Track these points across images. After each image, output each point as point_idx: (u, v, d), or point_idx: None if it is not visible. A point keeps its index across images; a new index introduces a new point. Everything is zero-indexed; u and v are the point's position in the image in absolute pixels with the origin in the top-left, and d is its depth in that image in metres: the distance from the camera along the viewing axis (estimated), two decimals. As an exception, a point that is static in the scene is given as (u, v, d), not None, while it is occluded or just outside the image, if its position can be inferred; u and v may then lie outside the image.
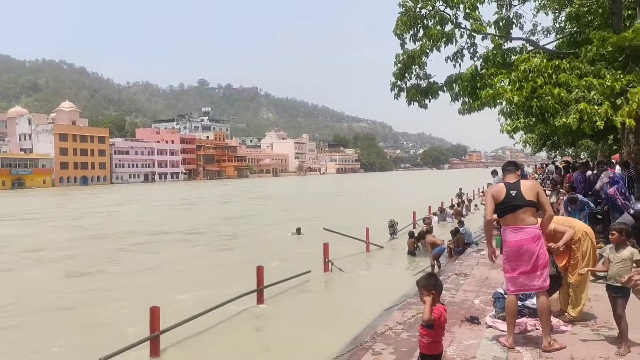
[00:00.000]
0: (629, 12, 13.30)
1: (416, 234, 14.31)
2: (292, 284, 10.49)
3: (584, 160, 16.12)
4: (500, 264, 5.09)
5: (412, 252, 14.17)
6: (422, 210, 21.71)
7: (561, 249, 5.12)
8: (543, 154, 39.97)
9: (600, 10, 14.10)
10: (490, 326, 5.35)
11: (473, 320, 5.53)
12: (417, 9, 12.37)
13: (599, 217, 9.70)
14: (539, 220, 4.67)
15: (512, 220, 4.63)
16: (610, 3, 12.37)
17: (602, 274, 5.24)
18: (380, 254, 14.93)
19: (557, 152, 34.40)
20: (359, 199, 42.28)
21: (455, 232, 13.58)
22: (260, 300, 9.11)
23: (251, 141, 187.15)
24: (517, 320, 5.04)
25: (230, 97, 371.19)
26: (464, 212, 22.90)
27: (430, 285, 3.62)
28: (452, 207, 24.00)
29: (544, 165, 30.32)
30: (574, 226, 5.35)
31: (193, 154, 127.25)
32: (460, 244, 13.12)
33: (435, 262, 12.01)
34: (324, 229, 15.01)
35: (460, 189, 31.27)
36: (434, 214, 22.14)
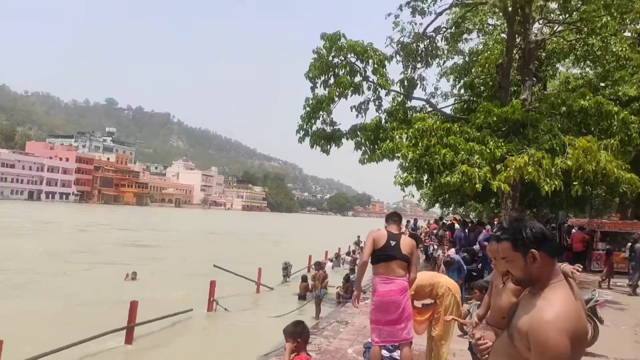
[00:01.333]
0: (514, 89, 14.79)
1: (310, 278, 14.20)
2: (170, 322, 9.78)
3: (462, 220, 17.27)
4: (365, 311, 5.08)
5: (302, 297, 13.97)
6: (319, 254, 21.77)
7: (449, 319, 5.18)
8: (438, 210, 42.39)
9: (491, 83, 15.58)
10: (358, 377, 5.24)
11: (342, 370, 5.40)
12: (330, 57, 12.80)
13: (474, 274, 10.25)
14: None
15: (384, 270, 4.66)
16: (500, 78, 13.68)
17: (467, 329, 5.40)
18: (270, 296, 14.57)
19: (450, 209, 36.67)
20: (260, 238, 41.70)
21: (346, 279, 13.65)
22: (129, 339, 8.32)
23: (156, 168, 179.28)
24: (383, 372, 4.99)
25: (139, 120, 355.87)
26: (358, 260, 23.31)
27: (296, 333, 3.48)
28: (348, 254, 24.37)
29: (440, 220, 31.98)
30: (439, 281, 5.53)
31: (89, 174, 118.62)
32: (350, 291, 13.17)
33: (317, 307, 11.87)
34: (214, 266, 14.39)
35: (359, 236, 31.97)
36: (330, 260, 22.29)
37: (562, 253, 18.95)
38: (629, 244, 14.51)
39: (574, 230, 19.02)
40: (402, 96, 13.93)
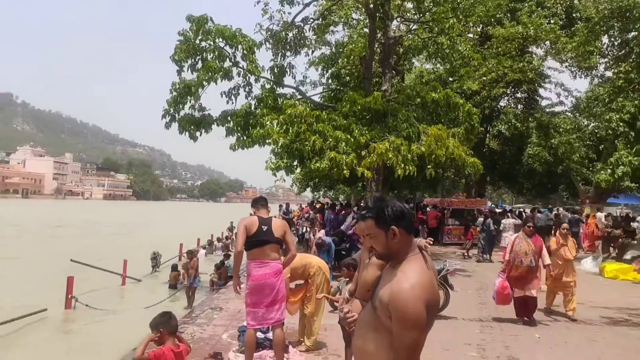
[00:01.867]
0: (377, 80, 15.81)
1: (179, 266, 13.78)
2: (19, 325, 8.83)
3: (331, 203, 18.18)
4: (240, 295, 5.16)
5: (173, 286, 13.55)
6: (191, 242, 21.17)
7: None
8: (309, 193, 43.62)
9: (356, 74, 16.46)
10: (232, 361, 5.32)
11: (216, 356, 5.44)
12: (198, 41, 12.41)
13: (343, 253, 10.89)
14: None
15: (259, 254, 4.76)
16: (364, 70, 14.54)
17: (338, 304, 5.78)
18: (138, 288, 13.88)
19: (320, 193, 37.98)
20: (123, 228, 39.11)
21: (219, 265, 13.53)
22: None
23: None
24: (257, 354, 5.14)
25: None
26: (231, 246, 23.18)
27: (160, 324, 3.44)
28: (219, 239, 24.06)
29: (313, 203, 32.85)
30: (310, 262, 5.84)
31: None
32: (224, 277, 13.10)
33: (190, 295, 11.66)
34: (72, 260, 13.25)
35: (232, 222, 31.72)
36: (203, 247, 21.83)
37: (419, 229, 20.98)
38: (481, 219, 16.53)
39: (429, 209, 21.07)
40: (272, 83, 14.07)
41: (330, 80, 17.42)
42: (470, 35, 17.34)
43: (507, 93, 23.01)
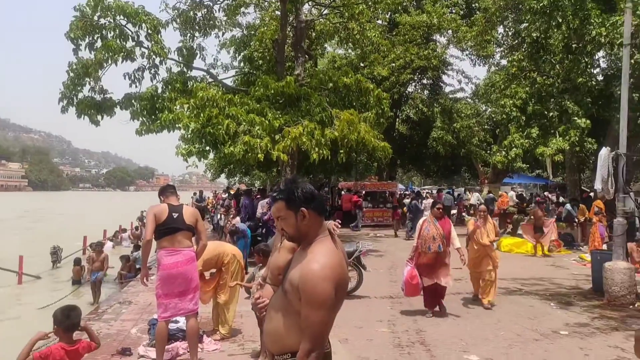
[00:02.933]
0: (290, 64, 15.73)
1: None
2: None
3: (248, 189, 18.00)
4: (151, 287, 4.95)
5: (77, 281, 12.68)
6: (96, 234, 19.90)
7: None
8: (225, 180, 42.74)
9: (269, 58, 16.24)
10: (142, 356, 5.09)
11: (125, 352, 5.17)
12: (96, 17, 11.54)
13: (259, 238, 10.82)
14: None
15: (169, 242, 4.57)
16: (276, 54, 14.38)
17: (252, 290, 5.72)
18: (37, 286, 12.83)
19: (236, 179, 37.32)
20: (19, 221, 35.86)
21: (128, 257, 12.88)
22: None
23: None
24: (169, 346, 4.97)
25: None
26: (142, 237, 22.14)
27: (55, 320, 3.22)
28: (125, 231, 22.87)
29: (227, 189, 32.21)
30: (224, 250, 5.72)
31: None
32: (133, 269, 12.50)
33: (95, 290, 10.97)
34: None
35: (142, 212, 30.27)
36: (110, 239, 20.64)
37: (334, 212, 21.44)
38: (407, 200, 17.26)
39: (343, 192, 21.55)
40: (181, 65, 13.50)
41: (242, 64, 17.04)
42: (380, 22, 17.79)
43: (414, 79, 24.01)
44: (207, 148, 11.41)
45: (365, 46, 15.23)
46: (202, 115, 10.65)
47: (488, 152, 19.92)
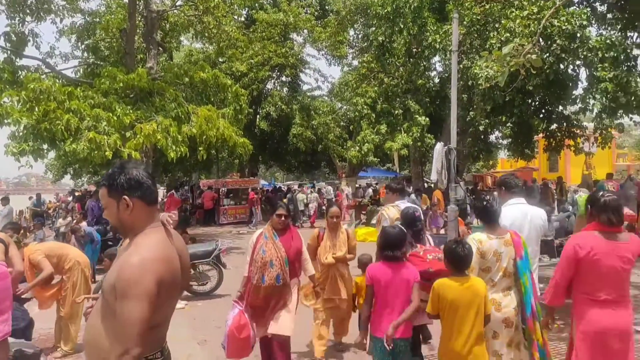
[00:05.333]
0: (141, 56, 14.82)
1: None
2: None
3: (94, 191, 16.62)
4: None
5: None
6: None
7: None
8: (70, 181, 38.76)
9: (117, 48, 15.10)
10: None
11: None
12: None
13: (110, 243, 10.01)
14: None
15: None
16: (125, 44, 13.40)
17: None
18: None
19: (84, 179, 34.09)
20: None
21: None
22: None
23: None
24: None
25: None
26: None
27: None
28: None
29: (72, 192, 29.15)
30: (68, 253, 5.06)
31: None
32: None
33: None
34: None
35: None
36: None
37: (195, 211, 20.81)
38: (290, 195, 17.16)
39: (205, 190, 20.97)
40: (8, 53, 11.91)
41: (86, 54, 15.60)
42: (237, 17, 17.64)
43: (272, 76, 24.29)
44: (44, 146, 10.22)
45: (222, 41, 14.96)
46: (37, 109, 9.51)
47: (344, 147, 21.02)
